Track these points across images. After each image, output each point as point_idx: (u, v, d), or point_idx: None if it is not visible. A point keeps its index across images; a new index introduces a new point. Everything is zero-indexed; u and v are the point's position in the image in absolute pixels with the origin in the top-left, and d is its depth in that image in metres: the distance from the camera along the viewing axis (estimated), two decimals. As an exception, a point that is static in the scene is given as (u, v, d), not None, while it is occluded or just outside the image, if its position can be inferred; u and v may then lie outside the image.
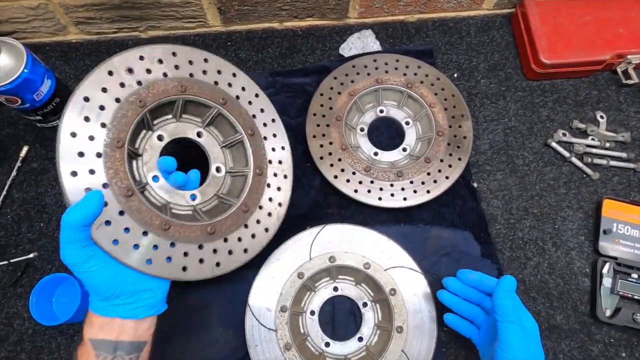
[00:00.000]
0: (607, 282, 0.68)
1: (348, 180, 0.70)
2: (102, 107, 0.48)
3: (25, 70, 0.54)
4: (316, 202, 0.73)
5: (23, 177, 0.74)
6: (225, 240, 0.55)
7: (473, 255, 0.70)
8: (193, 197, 0.56)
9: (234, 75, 0.60)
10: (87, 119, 0.47)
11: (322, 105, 0.75)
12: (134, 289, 0.48)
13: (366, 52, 0.81)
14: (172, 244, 0.50)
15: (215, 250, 0.53)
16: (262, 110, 0.64)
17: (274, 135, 0.65)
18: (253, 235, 0.58)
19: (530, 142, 0.77)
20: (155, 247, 0.49)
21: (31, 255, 0.69)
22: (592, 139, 0.76)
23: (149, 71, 0.52)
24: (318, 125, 0.73)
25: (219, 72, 0.59)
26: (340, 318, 0.66)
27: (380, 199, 0.69)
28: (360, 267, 0.65)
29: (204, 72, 0.57)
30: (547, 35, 0.77)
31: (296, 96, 0.79)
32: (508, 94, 0.80)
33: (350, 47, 0.82)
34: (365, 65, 0.77)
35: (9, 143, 0.76)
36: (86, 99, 0.48)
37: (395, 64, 0.77)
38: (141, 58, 0.52)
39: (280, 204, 0.62)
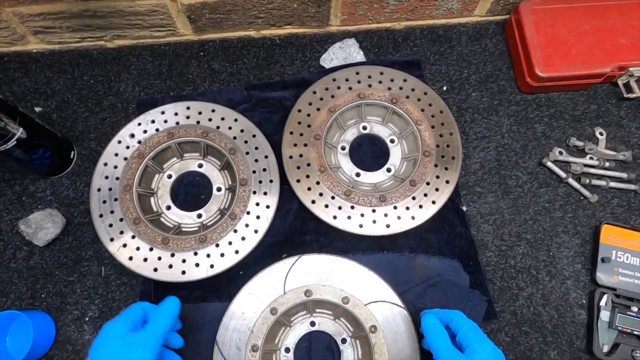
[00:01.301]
0: (604, 315, 0.63)
1: (327, 206, 0.65)
2: (115, 167, 0.66)
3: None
4: (293, 227, 0.68)
5: (-24, 201, 0.69)
6: (217, 245, 0.63)
7: (461, 285, 0.65)
8: (199, 216, 0.67)
9: (213, 110, 0.70)
10: (106, 177, 0.65)
11: (299, 123, 0.69)
12: None
13: (349, 62, 0.75)
14: (172, 254, 0.62)
15: (208, 255, 0.63)
16: (242, 131, 0.69)
17: (256, 149, 0.68)
18: (243, 238, 0.64)
19: (524, 161, 0.72)
20: (160, 258, 0.62)
21: (-16, 288, 0.64)
22: (591, 158, 0.71)
23: (145, 131, 0.68)
24: (295, 145, 0.68)
25: (199, 113, 0.70)
26: (318, 355, 0.61)
27: (361, 226, 0.64)
28: (338, 302, 0.60)
29: (187, 117, 0.69)
30: (543, 46, 0.71)
31: (273, 111, 0.73)
32: (501, 108, 0.75)
33: (331, 57, 0.76)
34: (347, 78, 0.71)
35: (-39, 164, 0.70)
36: (105, 164, 0.66)
37: (380, 77, 0.72)
38: (139, 124, 0.68)
39: (268, 207, 0.65)
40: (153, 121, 0.69)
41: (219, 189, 0.69)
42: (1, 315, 0.59)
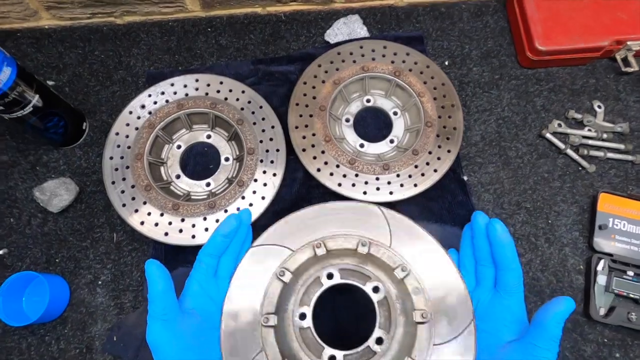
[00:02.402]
0: (601, 279, 0.65)
1: (331, 174, 0.67)
2: (127, 136, 0.68)
3: (-20, 57, 0.50)
4: (299, 195, 0.70)
5: (-8, 171, 0.71)
6: (226, 211, 0.65)
7: (462, 251, 0.67)
8: (208, 184, 0.69)
9: (221, 83, 0.71)
10: (118, 146, 0.67)
11: (305, 95, 0.71)
12: None
13: (353, 38, 0.77)
14: (182, 219, 0.64)
15: (217, 220, 0.64)
16: (249, 102, 0.71)
17: (263, 119, 0.70)
18: (250, 204, 0.65)
19: (524, 133, 0.74)
20: (170, 223, 0.64)
21: (1, 252, 0.67)
22: (589, 130, 0.73)
23: (155, 102, 0.70)
24: (301, 116, 0.70)
25: (208, 85, 0.71)
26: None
27: (365, 193, 0.66)
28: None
29: (196, 89, 0.71)
30: (542, 21, 0.73)
31: (279, 85, 0.75)
32: (501, 82, 0.77)
33: (336, 33, 0.78)
34: (351, 52, 0.73)
35: (-23, 135, 0.72)
36: (117, 134, 0.68)
37: (383, 51, 0.73)
38: (149, 95, 0.70)
39: (274, 174, 0.67)
40: (163, 93, 0.71)
41: (226, 159, 0.71)
42: (19, 275, 0.61)
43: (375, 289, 0.50)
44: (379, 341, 0.48)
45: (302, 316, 0.49)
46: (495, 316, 0.49)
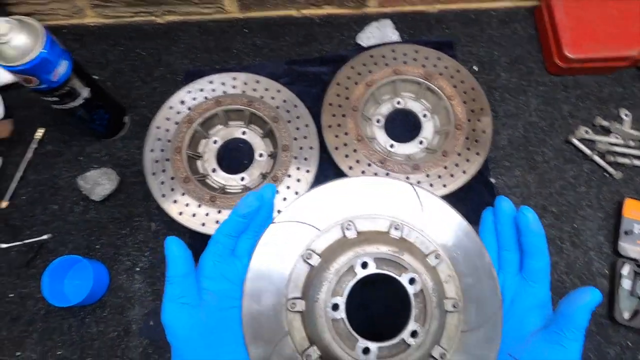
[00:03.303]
0: (626, 284, 0.66)
1: (363, 172, 0.69)
2: (167, 130, 0.71)
3: (44, 51, 0.53)
4: (330, 193, 0.72)
5: (38, 160, 0.75)
6: None
7: (488, 252, 0.68)
8: (242, 179, 0.72)
9: (257, 82, 0.75)
10: (159, 139, 0.70)
11: (338, 95, 0.74)
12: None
13: (384, 42, 0.80)
14: (219, 211, 0.67)
15: None
16: (284, 101, 0.73)
17: (297, 118, 0.72)
18: (284, 199, 0.69)
19: (550, 138, 0.75)
20: (207, 214, 0.66)
21: (45, 237, 0.70)
22: (616, 137, 0.74)
23: (194, 99, 0.73)
24: (334, 116, 0.72)
25: (245, 83, 0.74)
26: None
27: (395, 191, 0.68)
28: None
29: (234, 87, 0.74)
30: (572, 29, 0.75)
31: (312, 85, 0.78)
32: (529, 88, 0.78)
33: (368, 36, 0.80)
34: (383, 55, 0.76)
35: (25, 125, 0.76)
36: (157, 127, 0.71)
37: (414, 55, 0.76)
38: (189, 92, 0.73)
39: (308, 171, 0.70)
40: (202, 90, 0.74)
41: (260, 155, 0.74)
42: (64, 259, 0.64)
43: (412, 281, 0.48)
44: (414, 334, 0.45)
45: (335, 307, 0.46)
46: (521, 303, 0.47)
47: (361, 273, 0.48)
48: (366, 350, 0.45)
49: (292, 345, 0.44)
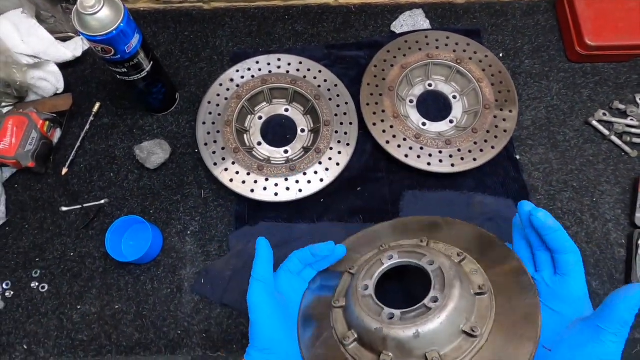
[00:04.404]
0: (642, 252, 0.71)
1: (399, 146, 0.75)
2: (217, 105, 0.77)
3: (122, 24, 0.59)
4: (368, 166, 0.77)
5: (95, 131, 0.80)
6: (305, 174, 0.73)
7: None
8: (286, 152, 0.77)
9: (300, 63, 0.80)
10: (210, 113, 0.76)
11: (375, 76, 0.79)
12: (284, 353, 0.52)
13: (417, 29, 0.86)
14: (267, 179, 0.72)
15: (297, 181, 0.73)
16: (325, 80, 0.80)
17: (338, 96, 0.78)
18: (327, 169, 0.74)
19: (571, 120, 0.81)
20: (256, 181, 0.72)
21: (102, 202, 0.75)
22: (632, 119, 0.80)
23: (242, 77, 0.79)
24: (371, 94, 0.78)
25: (288, 64, 0.81)
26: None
27: (429, 164, 0.74)
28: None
29: (278, 67, 0.80)
30: (592, 19, 0.81)
31: (350, 68, 0.84)
32: (551, 74, 0.84)
33: (401, 24, 0.86)
34: (417, 41, 0.82)
35: (82, 100, 0.82)
36: (209, 102, 0.77)
37: (446, 41, 0.82)
38: (237, 71, 0.79)
39: (348, 144, 0.75)
40: (249, 69, 0.79)
41: (302, 130, 0.79)
42: (127, 218, 0.70)
43: (430, 262, 0.52)
44: (434, 299, 0.48)
45: (365, 287, 0.53)
46: (559, 296, 0.48)
47: (387, 263, 0.55)
48: (391, 316, 0.49)
49: (335, 336, 0.52)
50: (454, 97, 0.81)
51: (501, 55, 0.86)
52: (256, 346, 0.51)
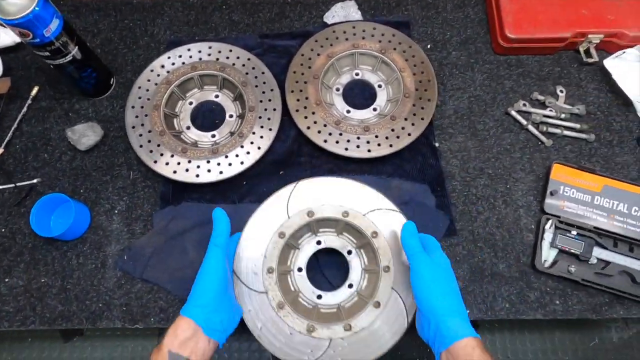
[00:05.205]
0: (548, 236, 0.74)
1: (319, 132, 0.78)
2: (147, 90, 0.80)
3: (37, 8, 0.62)
4: (291, 150, 0.80)
5: (32, 114, 0.83)
6: (226, 156, 0.76)
7: (429, 206, 0.77)
8: (213, 136, 0.80)
9: (230, 50, 0.84)
10: (139, 97, 0.79)
11: (301, 65, 0.82)
12: (226, 309, 0.60)
13: (348, 20, 0.88)
14: (189, 161, 0.75)
15: (218, 164, 0.76)
16: (253, 68, 0.82)
17: (264, 83, 0.81)
18: (248, 152, 0.77)
19: (492, 110, 0.84)
20: (179, 163, 0.75)
21: (35, 181, 0.78)
22: (550, 110, 0.82)
23: (173, 64, 0.82)
24: (296, 82, 0.81)
25: (219, 52, 0.83)
26: (329, 269, 0.72)
27: (346, 149, 0.76)
28: (339, 217, 0.67)
29: (209, 54, 0.83)
30: (514, 12, 0.83)
31: (281, 57, 0.87)
32: (476, 65, 0.87)
33: (333, 15, 0.89)
34: (344, 31, 0.84)
35: (21, 83, 0.85)
36: (139, 87, 0.80)
37: (372, 32, 0.84)
38: (169, 57, 0.82)
39: (270, 129, 0.78)
40: (180, 56, 0.82)
41: (230, 116, 0.82)
42: (51, 196, 0.73)
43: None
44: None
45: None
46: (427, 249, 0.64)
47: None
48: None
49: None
50: (379, 86, 0.84)
51: (429, 46, 0.88)
52: (199, 304, 0.57)
